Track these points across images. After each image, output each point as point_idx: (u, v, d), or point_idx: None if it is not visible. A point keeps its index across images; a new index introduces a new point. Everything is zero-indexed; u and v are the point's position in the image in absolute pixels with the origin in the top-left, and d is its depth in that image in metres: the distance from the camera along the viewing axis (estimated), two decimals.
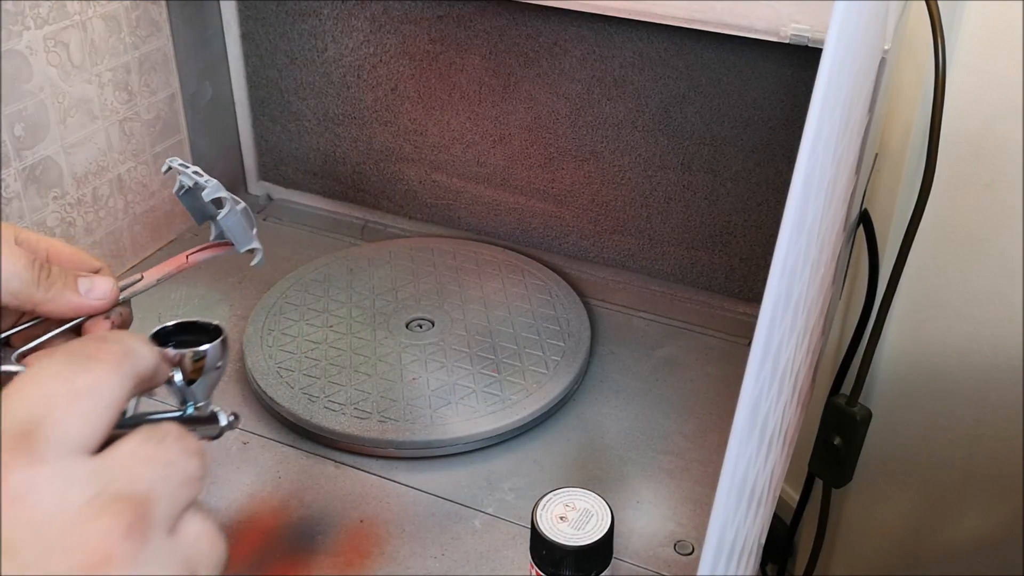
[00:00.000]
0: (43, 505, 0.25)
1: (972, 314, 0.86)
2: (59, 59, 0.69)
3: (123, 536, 0.26)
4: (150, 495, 0.27)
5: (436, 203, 0.86)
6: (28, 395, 0.27)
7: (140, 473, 0.28)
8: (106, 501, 0.26)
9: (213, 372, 0.37)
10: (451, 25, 0.76)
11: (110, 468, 0.27)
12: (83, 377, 0.28)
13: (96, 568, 0.25)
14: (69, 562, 0.25)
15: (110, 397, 0.29)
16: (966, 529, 0.95)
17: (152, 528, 0.27)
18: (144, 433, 0.29)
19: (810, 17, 0.61)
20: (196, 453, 0.30)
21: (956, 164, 0.79)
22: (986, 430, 0.89)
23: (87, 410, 0.28)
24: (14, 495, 0.25)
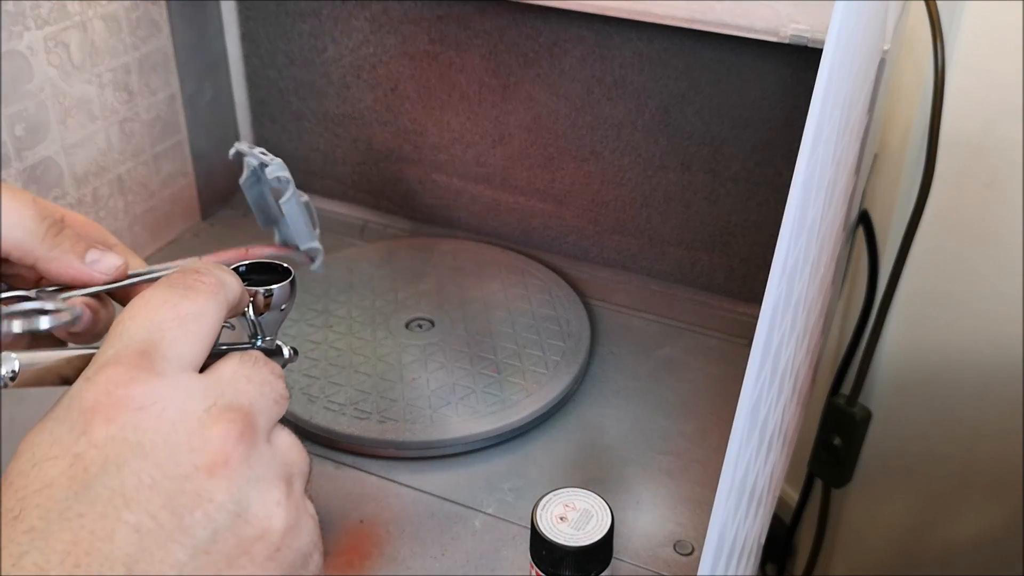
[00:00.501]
0: (169, 413, 0.29)
1: (972, 314, 0.86)
2: (59, 59, 0.69)
3: (237, 440, 0.29)
4: (253, 408, 0.31)
5: (436, 203, 0.86)
6: (142, 319, 0.31)
7: (243, 389, 0.31)
8: (221, 410, 0.30)
9: (282, 309, 0.39)
10: (451, 25, 0.77)
11: (218, 383, 0.31)
12: (188, 304, 0.32)
13: (217, 467, 0.28)
14: (195, 461, 0.28)
15: (212, 321, 0.32)
16: (966, 529, 0.95)
17: (257, 436, 0.30)
18: (239, 357, 0.33)
19: (810, 17, 0.61)
20: (281, 377, 0.34)
21: (956, 164, 0.79)
22: (986, 430, 0.89)
23: (195, 332, 0.31)
24: (141, 403, 0.29)
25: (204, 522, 0.28)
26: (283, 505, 0.30)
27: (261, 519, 0.29)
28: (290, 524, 0.30)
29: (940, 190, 0.78)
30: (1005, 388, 0.86)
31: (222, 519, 0.28)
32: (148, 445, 0.28)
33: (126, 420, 0.28)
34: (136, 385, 0.29)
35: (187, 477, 0.28)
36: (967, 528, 0.95)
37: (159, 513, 0.27)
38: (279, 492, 0.30)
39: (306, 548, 0.31)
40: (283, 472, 0.31)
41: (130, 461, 0.28)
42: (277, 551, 0.30)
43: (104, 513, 0.27)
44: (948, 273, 0.85)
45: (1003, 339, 0.84)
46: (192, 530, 0.27)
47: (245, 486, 0.29)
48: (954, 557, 0.97)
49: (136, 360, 0.29)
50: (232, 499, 0.29)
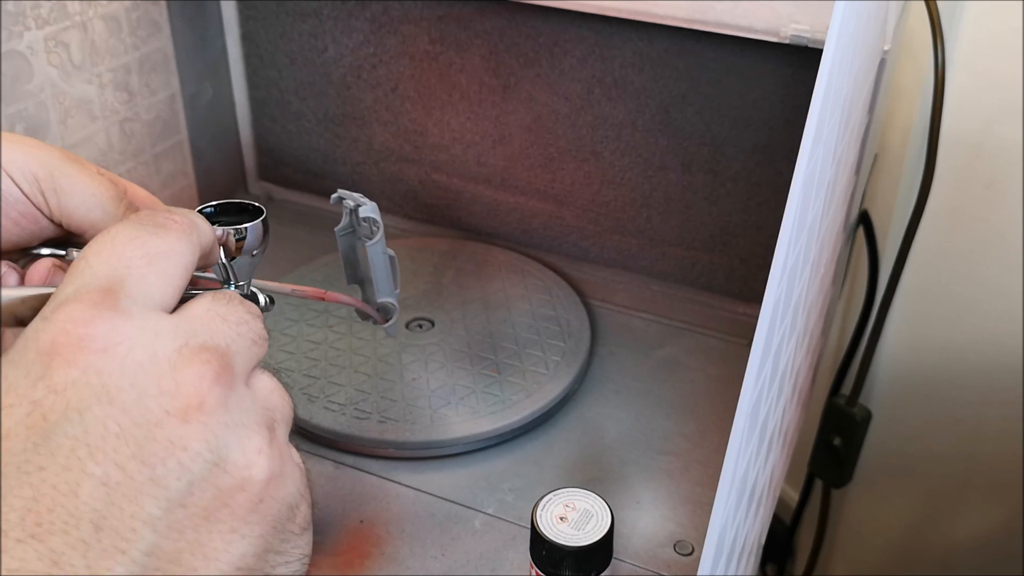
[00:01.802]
0: (135, 354, 0.26)
1: (972, 314, 0.86)
2: (60, 59, 0.69)
3: (213, 381, 0.27)
4: (229, 348, 0.29)
5: (436, 203, 0.86)
6: (107, 255, 0.28)
7: (218, 328, 0.29)
8: (194, 350, 0.27)
9: (254, 253, 0.37)
10: (451, 25, 0.77)
11: (190, 322, 0.28)
12: (157, 242, 0.29)
13: (191, 412, 0.26)
14: (166, 405, 0.26)
15: (183, 262, 0.30)
16: (966, 529, 0.95)
17: (235, 377, 0.28)
18: (212, 295, 0.30)
19: (810, 17, 0.61)
20: (259, 316, 0.32)
21: (956, 164, 0.79)
22: (986, 430, 0.89)
23: (165, 271, 0.29)
24: (104, 343, 0.26)
25: (178, 472, 0.25)
26: (265, 452, 0.28)
27: (241, 468, 0.27)
28: (273, 473, 0.28)
29: (940, 190, 0.78)
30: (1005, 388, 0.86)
31: (198, 469, 0.26)
32: (113, 389, 0.25)
33: (88, 362, 0.26)
34: (99, 323, 0.26)
35: (158, 423, 0.26)
36: (967, 528, 0.95)
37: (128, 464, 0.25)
38: (260, 439, 0.28)
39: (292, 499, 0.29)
40: (264, 417, 0.29)
41: (94, 407, 0.25)
42: (260, 502, 0.27)
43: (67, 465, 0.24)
44: (948, 273, 0.85)
45: (1003, 339, 0.84)
46: (165, 481, 0.25)
47: (223, 432, 0.27)
48: (954, 557, 0.97)
49: (99, 298, 0.27)
50: (209, 447, 0.26)
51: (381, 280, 0.55)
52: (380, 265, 0.54)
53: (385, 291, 0.55)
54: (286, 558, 0.29)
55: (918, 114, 0.79)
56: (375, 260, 0.54)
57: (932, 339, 0.89)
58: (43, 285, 0.35)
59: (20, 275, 0.38)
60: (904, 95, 0.80)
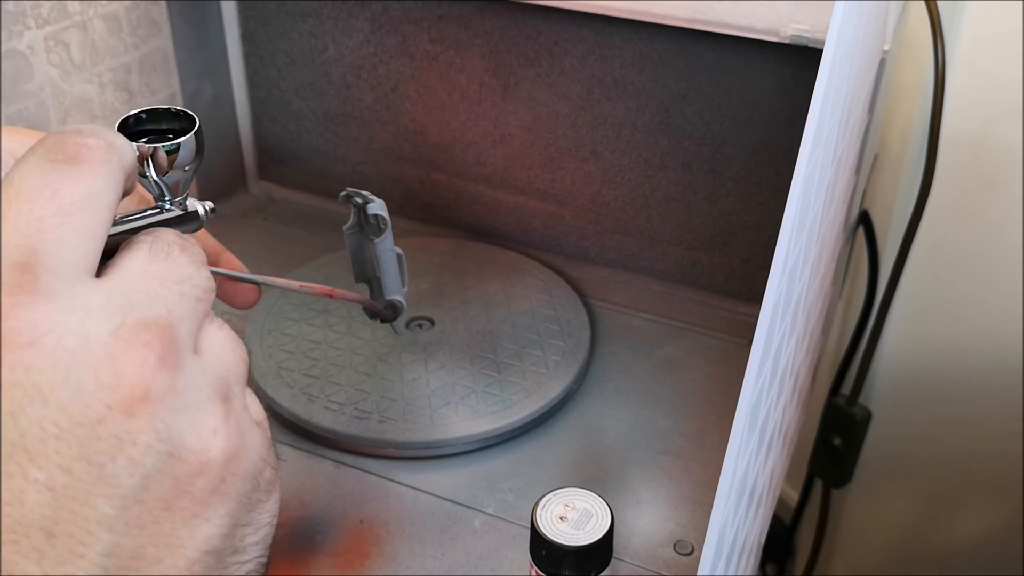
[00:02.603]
0: (66, 342, 0.24)
1: (972, 314, 0.86)
2: (60, 59, 0.69)
3: (158, 365, 0.25)
4: (171, 317, 0.26)
5: (436, 203, 0.86)
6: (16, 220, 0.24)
7: (157, 294, 0.26)
8: (132, 330, 0.25)
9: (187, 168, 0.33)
10: (451, 25, 0.77)
11: (124, 291, 0.26)
12: (71, 186, 0.25)
13: (136, 402, 0.24)
14: (107, 400, 0.24)
15: (106, 203, 0.26)
16: (966, 529, 0.95)
17: (181, 353, 0.26)
18: (148, 248, 0.27)
19: (810, 17, 0.61)
20: (203, 263, 0.29)
21: (956, 164, 0.79)
22: (986, 430, 0.89)
23: (86, 225, 0.25)
24: (30, 337, 0.23)
25: (130, 468, 0.24)
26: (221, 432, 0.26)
27: (197, 453, 0.25)
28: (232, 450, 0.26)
29: (940, 190, 0.78)
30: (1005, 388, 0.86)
31: (151, 462, 0.24)
32: (46, 387, 0.23)
33: (15, 360, 0.23)
34: (19, 313, 0.23)
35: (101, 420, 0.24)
36: (967, 528, 0.95)
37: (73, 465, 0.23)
38: (215, 416, 0.26)
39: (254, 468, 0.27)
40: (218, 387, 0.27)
41: (27, 409, 0.23)
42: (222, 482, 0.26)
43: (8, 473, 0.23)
44: (948, 273, 0.85)
45: (1003, 339, 0.84)
46: (117, 479, 0.24)
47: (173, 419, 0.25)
48: (954, 557, 0.97)
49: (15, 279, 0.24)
50: (160, 437, 0.24)
51: (389, 278, 0.55)
52: (388, 263, 0.54)
53: (393, 289, 0.55)
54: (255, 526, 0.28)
55: (918, 114, 0.79)
56: (383, 258, 0.54)
57: (932, 339, 0.89)
58: None
59: None
60: (904, 95, 0.80)
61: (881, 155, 0.83)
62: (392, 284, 0.55)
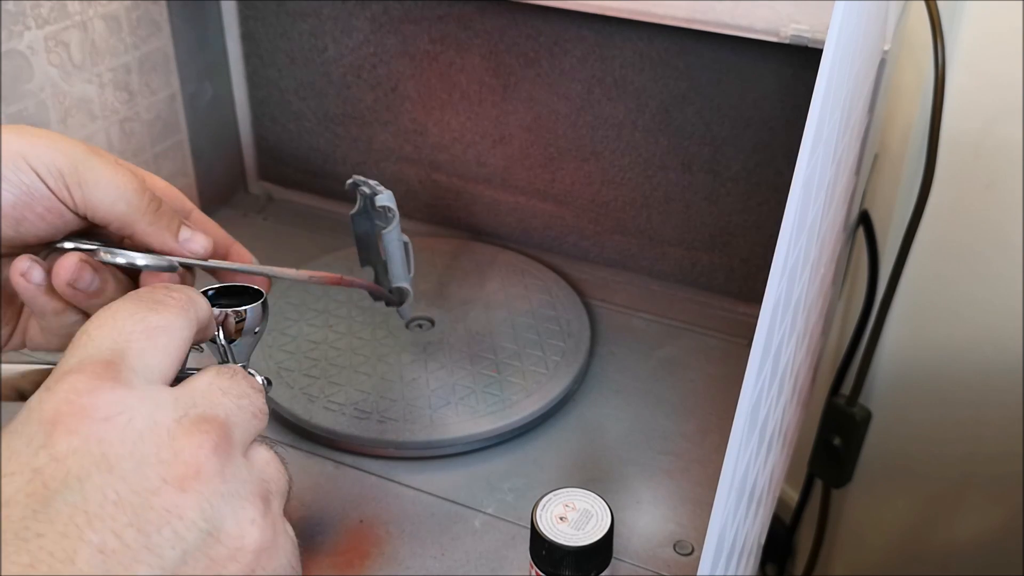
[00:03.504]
0: (136, 423, 0.27)
1: (972, 314, 0.86)
2: (60, 59, 0.69)
3: (211, 452, 0.28)
4: (228, 420, 0.29)
5: (436, 203, 0.86)
6: (108, 329, 0.30)
7: (218, 401, 0.30)
8: (194, 421, 0.28)
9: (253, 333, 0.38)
10: (451, 25, 0.77)
11: (191, 395, 0.29)
12: (156, 317, 0.31)
13: (188, 480, 0.27)
14: (164, 474, 0.27)
15: (181, 336, 0.31)
16: (966, 529, 0.95)
17: (233, 448, 0.29)
18: (216, 369, 0.31)
19: (810, 17, 0.61)
20: (261, 391, 0.33)
21: (956, 164, 0.79)
22: (986, 430, 0.89)
23: (164, 345, 0.30)
24: (105, 413, 0.27)
25: (173, 541, 0.26)
26: (258, 523, 0.28)
27: (234, 538, 0.28)
28: (265, 544, 0.28)
29: (940, 190, 0.78)
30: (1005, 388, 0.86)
31: (192, 538, 0.26)
32: (113, 458, 0.26)
33: (89, 431, 0.26)
34: (101, 394, 0.27)
35: (155, 492, 0.26)
36: (967, 528, 0.95)
37: (124, 532, 0.25)
38: (255, 510, 0.29)
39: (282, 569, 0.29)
40: (260, 489, 0.29)
41: (94, 475, 0.26)
42: (251, 571, 0.28)
43: (65, 532, 0.25)
44: (948, 273, 0.85)
45: (1003, 339, 0.84)
46: (160, 550, 0.26)
47: (218, 502, 0.27)
48: (954, 557, 0.97)
49: (101, 369, 0.28)
50: (203, 516, 0.27)
51: (396, 266, 0.56)
52: (395, 251, 0.55)
53: (400, 276, 0.56)
54: None
55: (918, 114, 0.79)
56: (390, 247, 0.55)
57: (932, 339, 0.89)
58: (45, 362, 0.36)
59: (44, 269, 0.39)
60: (904, 95, 0.80)
61: (881, 155, 0.83)
62: (399, 272, 0.56)
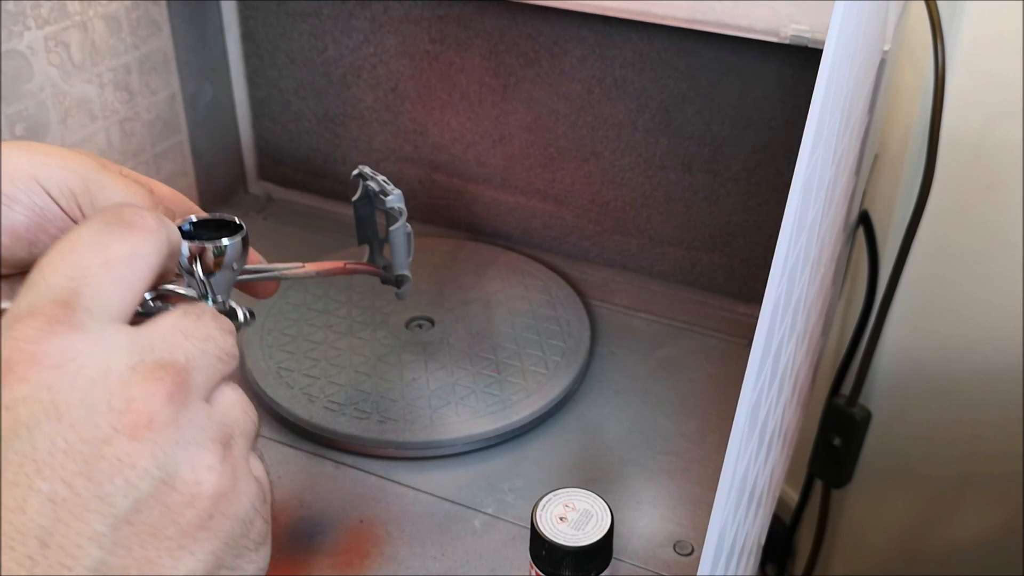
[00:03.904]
0: (87, 370, 0.26)
1: (972, 314, 0.86)
2: (60, 59, 0.69)
3: (165, 400, 0.27)
4: (188, 365, 0.28)
5: (436, 203, 0.86)
6: (65, 265, 0.28)
7: (180, 345, 0.29)
8: (149, 367, 0.27)
9: (233, 268, 0.37)
10: (451, 25, 0.77)
11: (150, 339, 0.28)
12: (120, 245, 0.29)
13: (139, 429, 0.26)
14: (115, 423, 0.26)
15: (147, 265, 0.30)
16: (966, 529, 0.95)
17: (191, 395, 0.28)
18: (183, 309, 0.30)
19: (810, 17, 0.61)
20: (231, 332, 0.31)
21: (956, 164, 0.79)
22: (986, 430, 0.89)
23: (124, 278, 0.29)
24: (57, 360, 0.26)
25: (125, 490, 0.26)
26: (216, 469, 0.28)
27: (190, 485, 0.27)
28: (224, 489, 0.28)
29: (940, 190, 0.78)
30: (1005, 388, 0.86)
31: (146, 486, 0.26)
32: (63, 405, 0.26)
33: (40, 379, 0.26)
34: (52, 340, 0.26)
35: (106, 441, 0.26)
36: (967, 528, 0.95)
37: (75, 480, 0.25)
38: (212, 455, 0.28)
39: (245, 514, 0.29)
40: (219, 433, 0.29)
41: (43, 423, 0.25)
42: (210, 519, 0.27)
43: (15, 481, 0.25)
44: (948, 273, 0.85)
45: (1003, 339, 0.84)
46: (112, 498, 0.25)
47: (172, 449, 0.27)
48: (954, 557, 0.97)
49: (54, 312, 0.27)
50: (157, 464, 0.26)
51: (400, 257, 0.57)
52: (400, 243, 0.56)
53: (403, 265, 0.58)
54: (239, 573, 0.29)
55: (918, 114, 0.79)
56: (395, 240, 0.56)
57: (932, 339, 0.89)
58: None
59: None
60: (904, 95, 0.80)
61: (881, 155, 0.83)
62: (401, 261, 0.57)
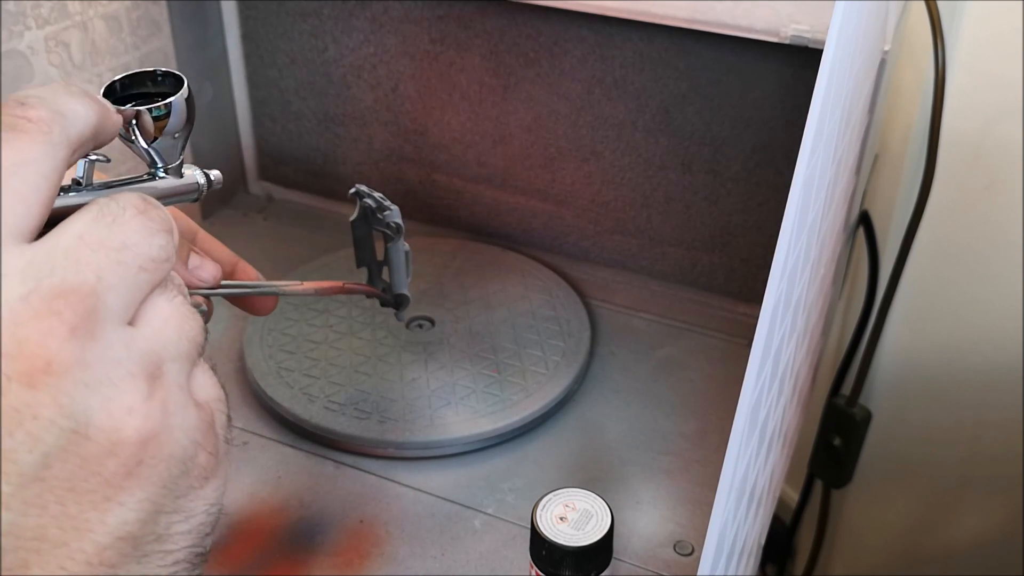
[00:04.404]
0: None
1: (972, 314, 0.86)
2: (60, 59, 0.69)
3: (66, 336, 0.23)
4: (99, 285, 0.24)
5: (436, 203, 0.86)
6: None
7: (87, 260, 0.24)
8: (44, 297, 0.23)
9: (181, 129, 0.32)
10: (451, 25, 0.77)
11: (50, 256, 0.24)
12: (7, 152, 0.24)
13: (36, 375, 0.23)
14: (8, 369, 0.22)
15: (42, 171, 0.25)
16: (966, 529, 0.95)
17: (102, 323, 0.24)
18: (96, 211, 0.26)
19: (810, 17, 0.61)
20: (161, 229, 0.27)
21: (956, 165, 0.79)
22: (986, 430, 0.89)
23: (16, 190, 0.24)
24: None
25: (29, 444, 0.22)
26: (138, 411, 0.24)
27: (107, 432, 0.24)
28: (150, 431, 0.25)
29: (940, 190, 0.78)
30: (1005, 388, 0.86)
31: (52, 439, 0.23)
32: None
33: None
34: None
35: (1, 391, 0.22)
36: (967, 529, 0.95)
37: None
38: (133, 394, 0.24)
39: (182, 453, 0.26)
40: (144, 364, 0.25)
41: None
42: (138, 464, 0.24)
43: None
44: (948, 273, 0.85)
45: (1003, 339, 0.84)
46: (15, 455, 0.22)
47: (80, 393, 0.23)
48: (954, 557, 0.97)
49: None
50: (63, 412, 0.23)
51: (399, 276, 0.57)
52: (398, 262, 0.56)
53: (402, 284, 0.57)
54: (185, 514, 0.27)
55: (918, 114, 0.79)
56: (394, 257, 0.56)
57: (932, 339, 0.89)
58: None
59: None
60: (904, 95, 0.80)
61: (881, 155, 0.83)
62: (400, 280, 0.57)
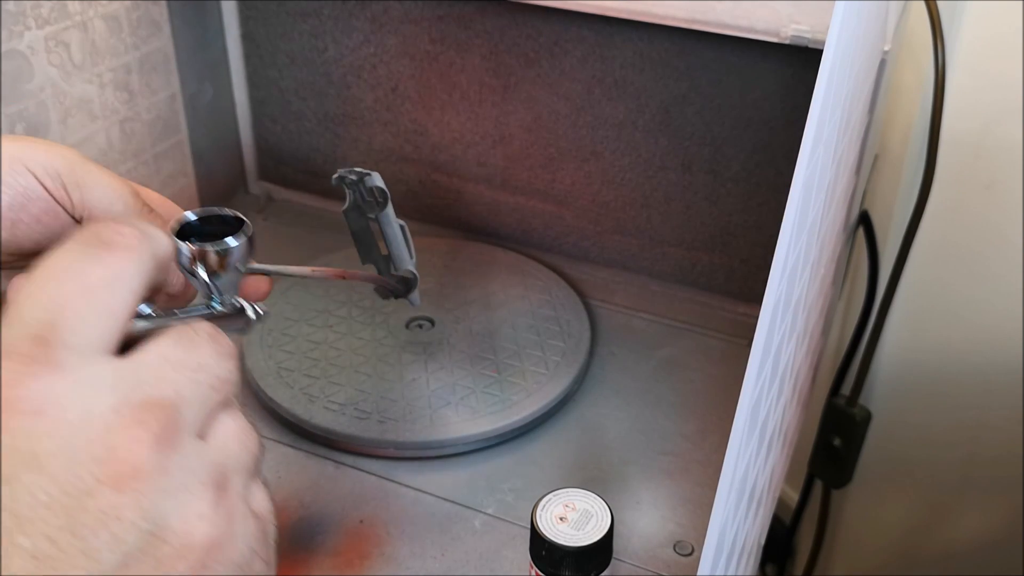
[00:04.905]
0: (68, 416, 0.25)
1: (972, 314, 0.86)
2: (60, 59, 0.69)
3: (152, 446, 0.25)
4: (178, 400, 0.27)
5: (436, 203, 0.86)
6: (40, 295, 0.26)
7: (169, 377, 0.27)
8: (134, 409, 0.25)
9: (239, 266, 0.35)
10: (451, 25, 0.77)
11: (136, 372, 0.26)
12: (98, 270, 0.27)
13: (124, 480, 0.24)
14: (98, 473, 0.24)
15: (131, 287, 0.27)
16: (966, 529, 0.95)
17: (180, 435, 0.26)
18: (175, 335, 0.28)
19: (810, 18, 0.61)
20: (228, 355, 0.29)
21: (956, 165, 0.79)
22: (986, 431, 0.89)
23: (106, 305, 0.26)
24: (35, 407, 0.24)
25: (112, 544, 0.24)
26: (207, 518, 0.26)
27: (180, 536, 0.25)
28: (217, 537, 0.26)
29: (940, 191, 0.78)
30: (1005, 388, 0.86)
31: (133, 540, 0.24)
32: (43, 456, 0.24)
33: (18, 427, 0.24)
34: (29, 383, 0.24)
35: (89, 493, 0.24)
36: (967, 529, 0.95)
37: (58, 536, 0.23)
38: (203, 502, 0.26)
39: (241, 558, 0.28)
40: (213, 474, 0.27)
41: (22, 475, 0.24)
42: (204, 568, 0.26)
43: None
44: (948, 273, 0.85)
45: (1003, 339, 0.84)
46: (98, 554, 0.24)
47: (160, 499, 0.25)
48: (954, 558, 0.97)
49: (30, 350, 0.25)
50: (144, 516, 0.25)
51: (398, 250, 0.55)
52: (394, 234, 0.54)
53: (403, 260, 0.55)
54: None
55: (918, 114, 0.79)
56: (388, 230, 0.54)
57: (932, 339, 0.89)
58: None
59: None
60: (904, 95, 0.80)
61: (881, 155, 0.83)
62: (401, 256, 0.55)
